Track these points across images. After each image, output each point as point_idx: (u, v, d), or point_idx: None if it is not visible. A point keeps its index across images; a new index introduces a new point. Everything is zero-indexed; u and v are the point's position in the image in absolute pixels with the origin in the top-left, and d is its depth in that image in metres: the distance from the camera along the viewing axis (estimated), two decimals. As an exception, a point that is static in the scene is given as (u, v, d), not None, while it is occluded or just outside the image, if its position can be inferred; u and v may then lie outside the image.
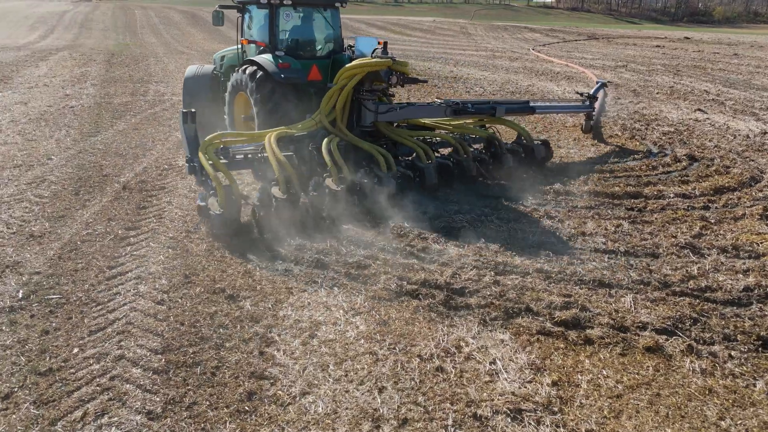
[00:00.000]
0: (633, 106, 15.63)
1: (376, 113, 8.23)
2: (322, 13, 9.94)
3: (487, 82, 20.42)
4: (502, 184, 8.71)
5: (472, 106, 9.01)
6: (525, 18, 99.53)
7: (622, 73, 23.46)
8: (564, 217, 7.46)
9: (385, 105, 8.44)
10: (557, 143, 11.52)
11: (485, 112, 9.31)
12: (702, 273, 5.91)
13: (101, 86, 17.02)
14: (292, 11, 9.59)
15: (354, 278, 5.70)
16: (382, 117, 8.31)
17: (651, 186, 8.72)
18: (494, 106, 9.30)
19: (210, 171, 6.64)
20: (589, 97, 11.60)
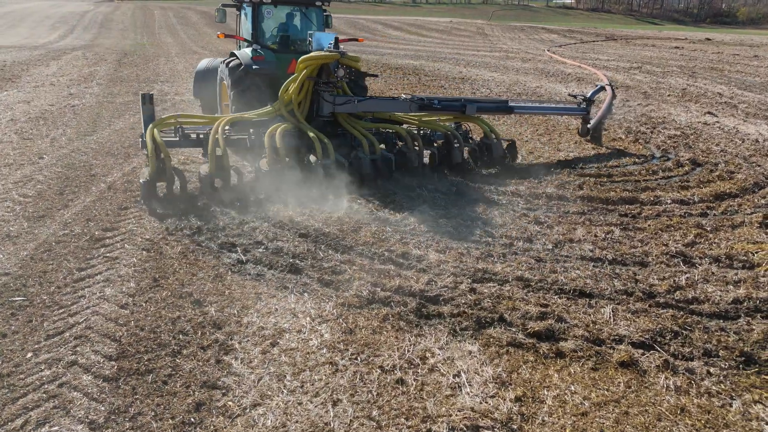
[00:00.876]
0: (641, 108, 15.30)
1: (333, 104, 8.63)
2: (302, 11, 10.77)
3: (494, 83, 20.18)
4: (495, 188, 8.50)
5: (438, 103, 9.25)
6: (544, 19, 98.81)
7: (635, 75, 23.07)
8: (554, 223, 7.25)
9: (343, 97, 8.73)
10: (558, 146, 11.28)
11: (454, 110, 9.47)
12: (690, 283, 5.67)
13: (106, 85, 17.07)
14: (273, 9, 10.41)
15: (327, 284, 5.55)
16: (339, 108, 8.68)
17: (648, 191, 8.46)
18: (465, 104, 9.44)
19: (148, 143, 7.31)
20: (585, 100, 11.34)
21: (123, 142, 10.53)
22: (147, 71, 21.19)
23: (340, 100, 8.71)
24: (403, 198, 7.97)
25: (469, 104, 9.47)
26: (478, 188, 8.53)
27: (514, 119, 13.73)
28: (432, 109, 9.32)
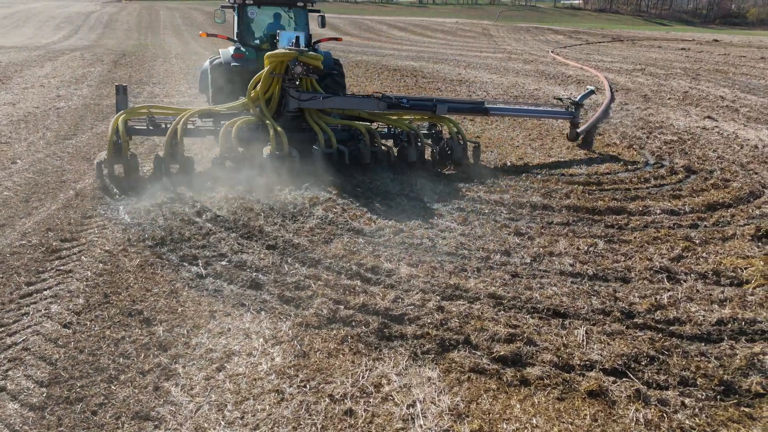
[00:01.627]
0: (639, 112, 14.94)
1: (298, 100, 8.94)
2: (286, 12, 11.17)
3: (492, 85, 19.85)
4: (479, 197, 8.19)
5: (407, 102, 9.43)
6: (551, 19, 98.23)
7: (637, 77, 22.67)
8: (535, 234, 6.94)
9: (308, 93, 9.01)
10: (549, 151, 10.96)
11: (424, 109, 9.59)
12: (672, 302, 5.35)
13: (96, 87, 16.86)
14: (257, 9, 10.86)
15: (287, 301, 5.26)
16: (304, 104, 8.99)
17: (638, 201, 8.14)
18: (435, 104, 9.53)
19: (110, 130, 8.13)
20: (573, 104, 11.04)
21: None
22: (141, 72, 20.98)
23: (306, 96, 8.98)
24: (381, 206, 7.69)
25: (439, 104, 9.52)
26: (462, 196, 8.22)
27: (507, 123, 13.41)
28: (400, 108, 9.44)
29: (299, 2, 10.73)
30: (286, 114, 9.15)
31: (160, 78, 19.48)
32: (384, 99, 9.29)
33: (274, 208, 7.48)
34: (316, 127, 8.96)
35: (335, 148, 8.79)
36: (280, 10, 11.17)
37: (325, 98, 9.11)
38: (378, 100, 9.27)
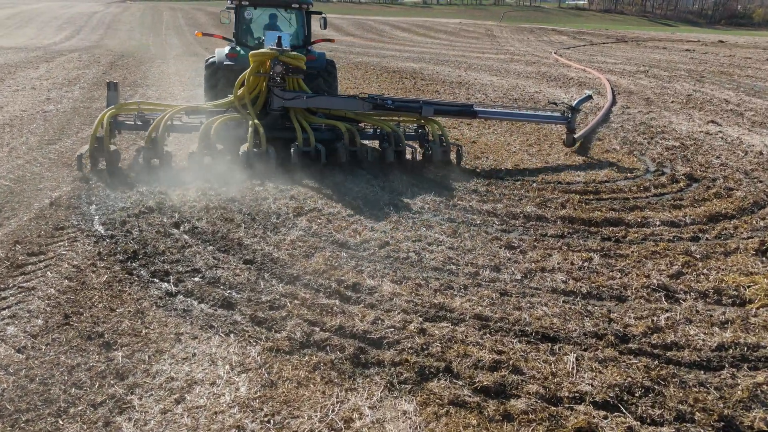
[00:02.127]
0: (641, 116, 14.58)
1: (283, 99, 9.15)
2: (282, 13, 11.27)
3: (492, 87, 19.51)
4: (470, 206, 7.87)
5: (392, 103, 9.48)
6: (555, 20, 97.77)
7: (640, 80, 22.30)
8: (528, 248, 6.61)
9: (292, 92, 9.21)
10: (546, 157, 10.62)
11: (409, 110, 9.64)
12: (671, 324, 5.03)
13: (89, 89, 16.59)
14: (253, 10, 10.97)
15: (259, 322, 4.95)
16: (288, 103, 9.19)
17: (636, 211, 7.80)
18: (421, 106, 9.58)
19: (96, 123, 8.66)
20: (569, 109, 10.75)
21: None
22: (136, 74, 20.72)
23: (289, 95, 9.20)
24: (368, 217, 7.38)
25: (425, 106, 9.57)
26: (453, 205, 7.90)
27: (504, 128, 13.08)
28: (385, 109, 9.51)
29: (294, 4, 10.87)
30: (271, 113, 9.37)
31: (154, 80, 19.22)
32: (369, 99, 9.37)
33: (256, 218, 7.18)
34: (296, 125, 9.11)
35: (313, 146, 8.93)
36: (277, 10, 11.30)
37: (309, 97, 9.31)
38: (363, 101, 9.36)
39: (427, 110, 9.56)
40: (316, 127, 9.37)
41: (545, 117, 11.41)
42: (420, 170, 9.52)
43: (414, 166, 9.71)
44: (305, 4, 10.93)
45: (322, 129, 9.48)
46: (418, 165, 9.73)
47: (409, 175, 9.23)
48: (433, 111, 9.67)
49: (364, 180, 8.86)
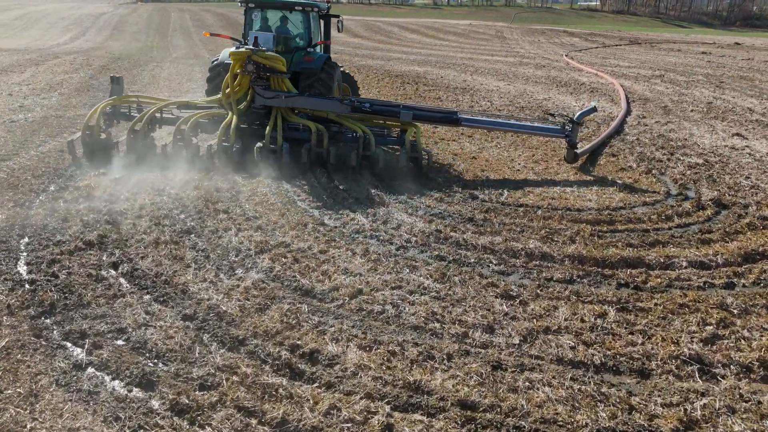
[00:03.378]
0: (659, 127, 13.42)
1: (263, 97, 9.34)
2: (288, 15, 11.29)
3: (498, 94, 18.38)
4: (465, 240, 6.78)
5: (370, 106, 9.44)
6: (567, 21, 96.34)
7: (656, 85, 21.09)
8: (529, 297, 5.52)
9: (272, 92, 9.36)
10: (554, 177, 9.50)
11: (388, 114, 9.59)
12: (708, 416, 3.93)
13: (68, 96, 15.65)
14: (260, 12, 11.24)
15: (181, 412, 3.89)
16: (268, 101, 9.37)
17: (658, 248, 6.68)
18: (400, 110, 9.45)
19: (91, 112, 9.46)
20: (570, 122, 9.80)
21: (38, 169, 9.00)
22: (126, 78, 19.75)
23: (269, 94, 9.35)
24: (344, 253, 6.32)
25: (404, 110, 9.41)
26: (444, 238, 6.83)
27: (509, 141, 11.96)
28: (363, 112, 9.44)
29: (297, 6, 10.87)
30: (253, 110, 9.61)
31: (143, 84, 18.27)
32: (347, 102, 9.43)
33: (210, 256, 6.15)
34: (271, 124, 9.23)
35: (279, 145, 9.06)
36: (284, 12, 11.35)
37: (287, 97, 9.40)
38: (341, 103, 9.44)
39: (405, 115, 9.36)
40: (294, 127, 9.54)
41: (540, 129, 10.54)
42: (411, 189, 8.47)
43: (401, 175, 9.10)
44: (309, 7, 10.91)
45: (300, 129, 9.53)
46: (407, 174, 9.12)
47: (397, 197, 8.19)
48: (412, 116, 9.41)
49: (346, 205, 7.83)
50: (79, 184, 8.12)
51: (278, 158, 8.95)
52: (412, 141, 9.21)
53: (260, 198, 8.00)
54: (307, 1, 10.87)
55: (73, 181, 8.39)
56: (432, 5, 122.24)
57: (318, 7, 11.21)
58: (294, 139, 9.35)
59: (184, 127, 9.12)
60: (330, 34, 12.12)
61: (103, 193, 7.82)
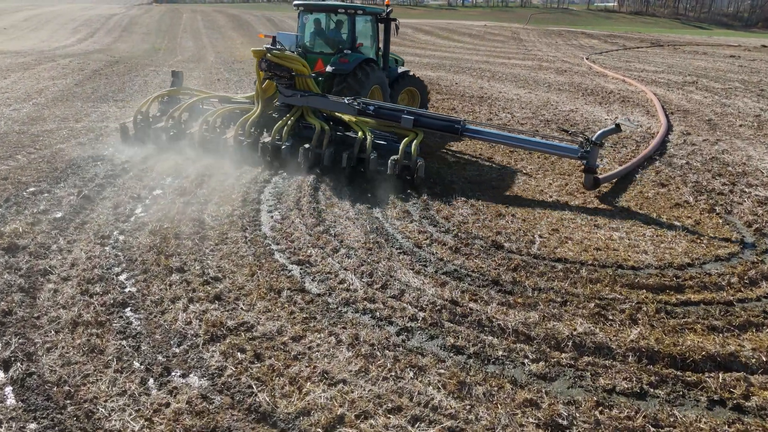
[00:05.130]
0: (709, 147, 11.61)
1: (284, 96, 9.78)
2: (333, 18, 11.57)
3: (519, 103, 16.60)
4: (490, 321, 5.08)
5: (373, 109, 9.26)
6: (584, 22, 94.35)
7: (692, 93, 19.22)
8: (586, 426, 3.81)
9: (290, 91, 9.71)
10: (595, 215, 7.75)
11: (390, 119, 9.31)
12: None
13: (42, 106, 14.09)
14: (309, 14, 11.55)
15: None
16: (286, 100, 9.80)
17: (751, 332, 4.94)
18: (400, 116, 9.13)
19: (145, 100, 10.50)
20: (587, 141, 8.39)
21: None
22: (114, 85, 18.26)
23: (288, 92, 9.71)
24: (326, 340, 4.66)
25: (405, 116, 9.05)
26: (463, 315, 5.14)
27: (536, 164, 10.21)
28: (366, 115, 9.29)
29: (339, 9, 11.07)
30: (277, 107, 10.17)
31: (129, 93, 16.71)
32: (354, 103, 9.28)
33: (141, 348, 4.49)
34: (283, 120, 9.52)
35: (284, 141, 9.20)
36: (329, 15, 11.60)
37: (303, 96, 9.64)
38: (349, 105, 9.30)
39: (406, 121, 8.98)
40: (307, 125, 9.65)
41: (552, 147, 9.06)
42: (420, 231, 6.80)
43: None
44: (352, 9, 11.00)
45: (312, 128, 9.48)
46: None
47: (401, 242, 6.53)
48: (413, 122, 8.99)
49: (337, 256, 6.17)
50: (4, 230, 6.51)
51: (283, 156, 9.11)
52: (406, 148, 8.57)
53: (229, 248, 6.35)
54: (351, 5, 11.17)
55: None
56: (446, 6, 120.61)
57: (364, 10, 11.24)
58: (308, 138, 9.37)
59: (210, 119, 9.78)
60: (389, 38, 11.98)
61: (31, 242, 6.22)
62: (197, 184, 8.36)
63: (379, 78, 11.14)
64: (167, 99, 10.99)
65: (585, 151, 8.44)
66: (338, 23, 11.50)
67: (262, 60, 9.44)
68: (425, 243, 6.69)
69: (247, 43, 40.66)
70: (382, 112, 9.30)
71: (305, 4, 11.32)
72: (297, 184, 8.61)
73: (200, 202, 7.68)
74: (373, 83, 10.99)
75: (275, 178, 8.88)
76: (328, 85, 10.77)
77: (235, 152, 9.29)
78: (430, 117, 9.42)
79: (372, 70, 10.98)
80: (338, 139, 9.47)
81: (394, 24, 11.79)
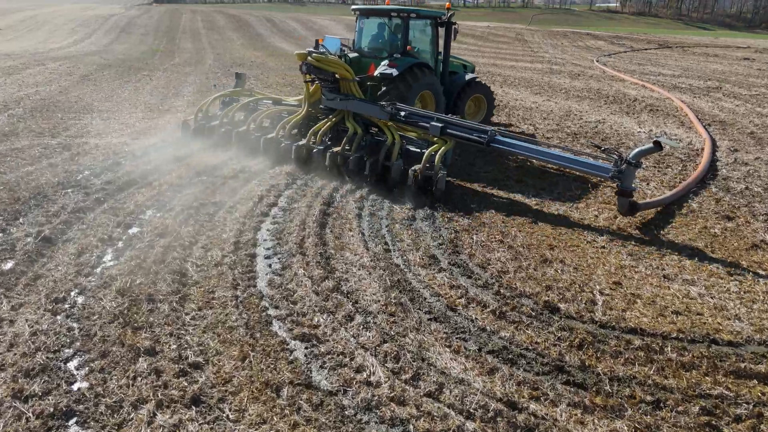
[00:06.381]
0: (765, 168, 10.28)
1: (327, 99, 9.62)
2: (388, 22, 11.36)
3: (540, 113, 15.27)
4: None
5: (404, 115, 8.98)
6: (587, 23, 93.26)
7: (721, 101, 17.91)
8: None
9: (332, 94, 9.53)
10: (661, 262, 6.42)
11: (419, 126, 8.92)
12: None
13: (20, 117, 12.60)
14: (366, 19, 11.60)
15: None
16: (328, 103, 9.62)
17: None
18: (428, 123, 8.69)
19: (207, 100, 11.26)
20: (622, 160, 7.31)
21: None
22: (101, 92, 16.93)
23: (329, 95, 9.58)
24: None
25: (434, 123, 8.61)
26: (530, 430, 3.80)
27: (574, 191, 8.86)
28: (397, 120, 9.08)
29: (393, 13, 10.98)
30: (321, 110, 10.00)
31: (116, 102, 15.38)
32: (387, 108, 9.05)
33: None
34: (319, 125, 9.60)
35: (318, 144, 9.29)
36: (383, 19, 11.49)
37: (341, 99, 9.53)
38: (382, 109, 9.11)
39: (433, 128, 8.55)
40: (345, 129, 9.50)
41: (585, 165, 7.94)
42: (452, 284, 5.49)
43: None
44: (405, 13, 10.87)
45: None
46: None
47: (430, 305, 5.22)
48: (440, 130, 8.49)
49: (350, 327, 4.84)
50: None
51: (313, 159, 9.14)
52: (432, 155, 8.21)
53: (215, 315, 5.02)
54: (405, 8, 11.07)
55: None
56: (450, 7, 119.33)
57: (418, 13, 10.97)
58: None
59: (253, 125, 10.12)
60: (449, 43, 11.60)
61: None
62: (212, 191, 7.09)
63: (429, 83, 10.80)
64: (228, 99, 11.28)
65: (618, 170, 7.29)
66: (393, 27, 11.36)
67: (303, 63, 9.50)
68: (460, 303, 5.37)
69: (246, 45, 39.43)
70: (413, 118, 8.95)
71: (361, 8, 11.46)
72: (301, 218, 7.31)
73: (183, 246, 6.36)
74: (423, 88, 10.69)
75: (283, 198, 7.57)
76: (377, 90, 10.46)
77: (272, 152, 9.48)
78: (461, 125, 8.66)
79: (422, 74, 10.63)
80: (372, 144, 9.20)
81: (454, 28, 11.53)
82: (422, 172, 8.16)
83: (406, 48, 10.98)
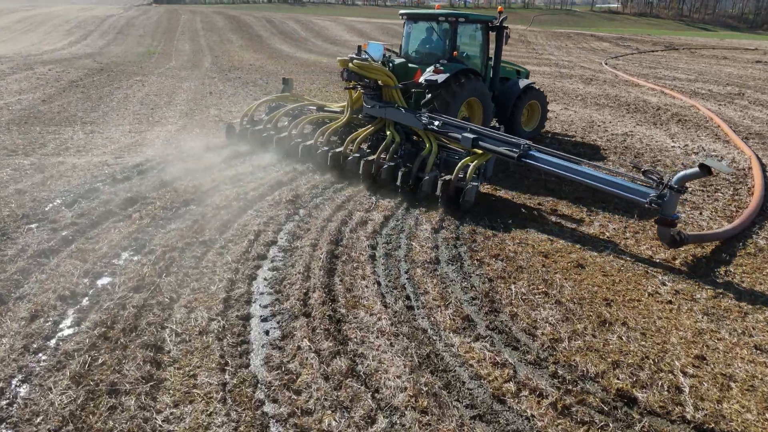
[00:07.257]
0: (827, 191, 9.14)
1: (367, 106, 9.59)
2: (436, 27, 10.90)
3: (561, 123, 14.13)
4: None
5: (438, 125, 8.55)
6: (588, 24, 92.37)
7: (749, 109, 16.79)
8: None
9: (372, 101, 9.47)
10: (737, 310, 5.27)
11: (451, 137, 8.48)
12: None
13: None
14: (413, 23, 11.31)
15: None
16: (368, 110, 9.60)
17: None
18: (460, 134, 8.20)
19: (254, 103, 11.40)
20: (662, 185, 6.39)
21: None
22: (88, 101, 15.78)
23: (370, 103, 9.51)
24: None
25: (465, 134, 8.13)
26: None
27: (617, 221, 7.72)
28: (430, 130, 8.70)
29: (440, 17, 10.62)
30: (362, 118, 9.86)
31: (102, 113, 14.21)
32: (422, 117, 8.73)
33: None
34: (357, 132, 9.40)
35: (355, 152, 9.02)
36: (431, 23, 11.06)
37: (380, 107, 9.35)
38: (419, 118, 8.77)
39: (465, 140, 8.11)
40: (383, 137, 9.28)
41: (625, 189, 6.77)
42: (492, 360, 4.35)
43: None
44: (453, 17, 10.50)
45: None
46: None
47: (467, 365, 4.08)
48: (472, 143, 8.04)
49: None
50: None
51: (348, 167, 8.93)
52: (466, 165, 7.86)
53: (194, 417, 3.86)
54: (454, 12, 10.71)
55: None
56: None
57: (467, 17, 10.64)
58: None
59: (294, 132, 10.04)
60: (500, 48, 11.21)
61: None
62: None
63: (476, 90, 10.32)
64: (275, 104, 11.46)
65: (658, 196, 6.31)
66: (441, 32, 10.97)
67: (344, 70, 9.38)
68: (509, 391, 4.21)
69: (246, 46, 38.33)
70: (447, 128, 8.50)
71: (409, 13, 11.20)
72: (305, 262, 6.15)
73: (162, 305, 5.21)
74: (469, 95, 10.24)
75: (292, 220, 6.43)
76: (421, 97, 10.10)
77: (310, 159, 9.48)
78: (494, 138, 8.05)
79: (469, 81, 10.17)
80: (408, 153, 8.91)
81: (506, 33, 11.10)
82: (454, 183, 7.68)
83: (453, 53, 10.60)
